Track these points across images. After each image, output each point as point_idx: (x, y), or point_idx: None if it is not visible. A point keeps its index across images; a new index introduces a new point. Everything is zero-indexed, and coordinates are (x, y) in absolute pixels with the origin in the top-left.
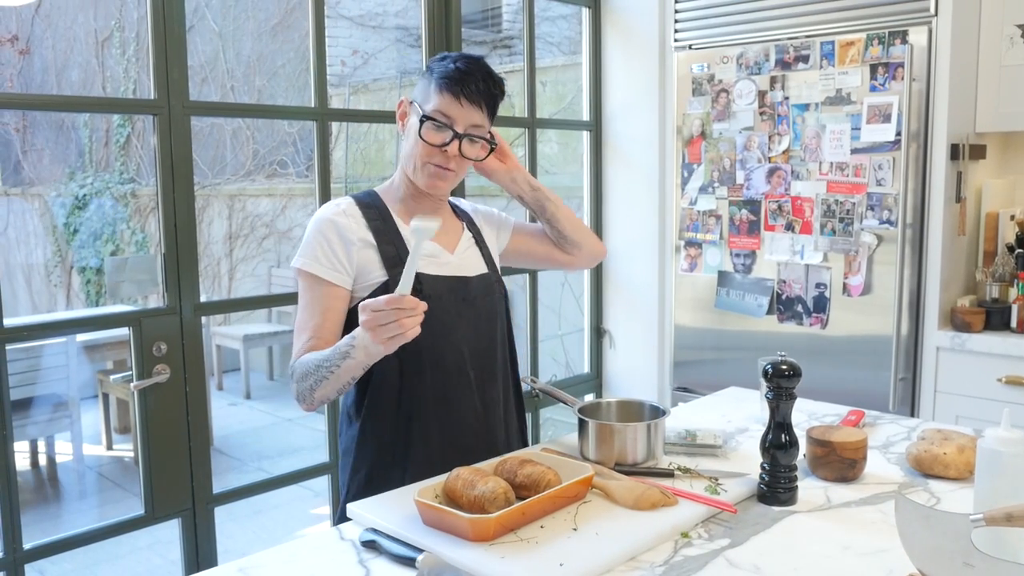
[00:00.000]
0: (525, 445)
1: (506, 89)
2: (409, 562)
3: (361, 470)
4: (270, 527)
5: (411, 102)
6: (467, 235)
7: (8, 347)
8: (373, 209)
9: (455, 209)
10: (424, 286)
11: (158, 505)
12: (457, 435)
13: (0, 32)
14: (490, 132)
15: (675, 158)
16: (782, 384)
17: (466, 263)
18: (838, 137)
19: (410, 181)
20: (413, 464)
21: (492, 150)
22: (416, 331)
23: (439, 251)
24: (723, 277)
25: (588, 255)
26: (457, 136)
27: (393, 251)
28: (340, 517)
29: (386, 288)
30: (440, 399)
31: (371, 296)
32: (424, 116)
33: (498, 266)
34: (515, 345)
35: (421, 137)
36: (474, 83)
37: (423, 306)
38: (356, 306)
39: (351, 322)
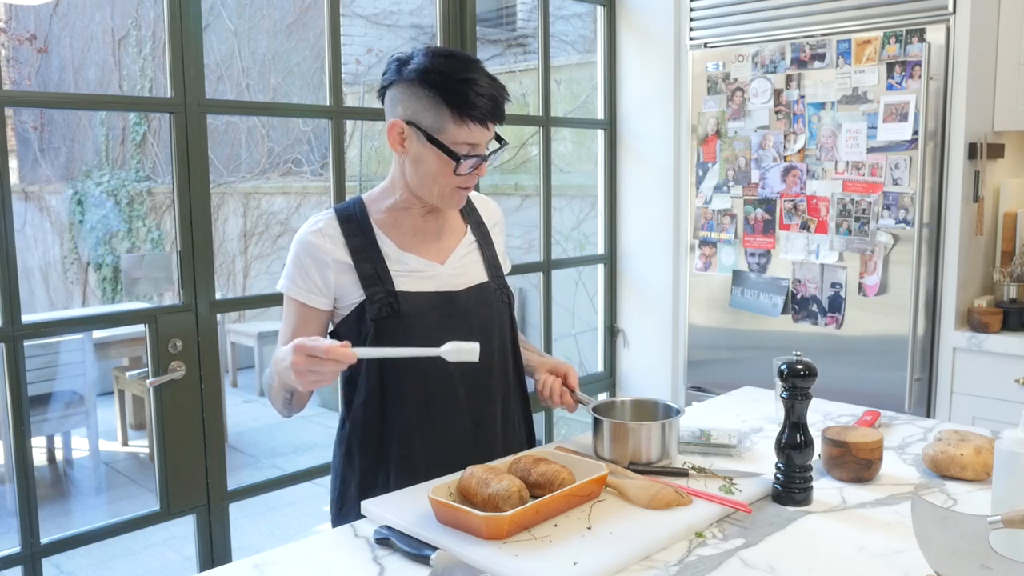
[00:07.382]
0: None
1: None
2: (423, 560)
3: (352, 484)
4: (284, 524)
5: (408, 124)
6: (468, 239)
7: (25, 343)
8: (353, 223)
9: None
10: (403, 305)
11: (173, 501)
12: (443, 456)
13: (18, 31)
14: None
15: (690, 157)
16: (797, 384)
17: (459, 273)
18: (854, 136)
19: (418, 200)
20: (396, 484)
21: (501, 145)
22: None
23: (425, 265)
24: (738, 276)
25: None
26: (484, 158)
27: (370, 269)
28: (335, 519)
29: (362, 309)
30: (423, 419)
31: (351, 314)
32: (457, 156)
33: (504, 268)
34: (520, 352)
35: (458, 175)
36: (490, 99)
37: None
38: (339, 322)
39: (336, 336)
